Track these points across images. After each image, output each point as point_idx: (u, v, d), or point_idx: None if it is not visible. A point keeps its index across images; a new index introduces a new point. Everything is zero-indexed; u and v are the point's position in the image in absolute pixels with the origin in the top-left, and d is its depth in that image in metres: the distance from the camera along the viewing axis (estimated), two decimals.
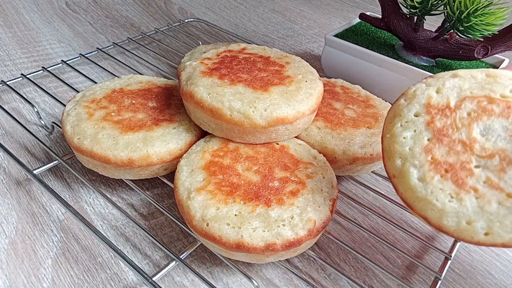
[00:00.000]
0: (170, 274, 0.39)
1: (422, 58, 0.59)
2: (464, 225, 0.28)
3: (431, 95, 0.32)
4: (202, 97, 0.41)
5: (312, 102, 0.42)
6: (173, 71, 0.70)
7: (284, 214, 0.35)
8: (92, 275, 0.39)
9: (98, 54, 0.71)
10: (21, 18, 0.85)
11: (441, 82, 0.33)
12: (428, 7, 0.54)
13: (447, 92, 0.32)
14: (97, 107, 0.46)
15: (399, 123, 0.32)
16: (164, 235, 0.43)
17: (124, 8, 0.93)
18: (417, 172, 0.30)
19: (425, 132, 0.31)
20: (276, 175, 0.39)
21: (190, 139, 0.44)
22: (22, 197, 0.46)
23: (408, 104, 0.33)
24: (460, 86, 0.32)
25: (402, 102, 0.33)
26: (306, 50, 0.81)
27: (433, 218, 0.29)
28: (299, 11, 0.98)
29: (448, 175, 0.29)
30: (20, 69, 0.68)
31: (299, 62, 0.47)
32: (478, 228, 0.27)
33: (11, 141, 0.53)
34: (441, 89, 0.32)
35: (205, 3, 0.99)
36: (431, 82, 0.33)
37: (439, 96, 0.32)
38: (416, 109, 0.32)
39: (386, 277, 0.40)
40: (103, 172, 0.44)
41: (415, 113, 0.32)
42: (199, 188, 0.37)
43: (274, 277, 0.40)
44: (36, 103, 0.61)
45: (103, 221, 0.44)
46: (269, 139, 0.42)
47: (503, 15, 0.51)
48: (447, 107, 0.31)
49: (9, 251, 0.40)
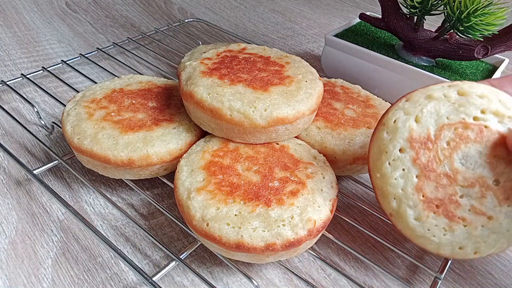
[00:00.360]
0: (170, 274, 0.39)
1: (422, 58, 0.59)
2: (457, 250, 0.33)
3: (412, 127, 0.33)
4: (202, 97, 0.41)
5: (312, 102, 0.42)
6: (173, 71, 0.70)
7: (284, 214, 0.35)
8: (92, 275, 0.39)
9: (98, 54, 0.71)
10: (21, 18, 0.85)
11: (419, 109, 0.34)
12: (428, 7, 0.54)
13: (426, 121, 0.33)
14: (97, 107, 0.46)
15: (387, 162, 0.34)
16: (164, 235, 0.43)
17: (124, 8, 0.93)
18: (413, 212, 0.33)
19: (413, 170, 0.33)
20: (276, 175, 0.39)
21: (190, 139, 0.44)
22: (22, 197, 0.46)
23: (391, 138, 0.34)
24: (437, 112, 0.33)
25: (385, 136, 0.34)
26: (306, 50, 0.81)
27: (432, 249, 0.34)
28: (299, 11, 0.98)
29: (439, 211, 0.32)
30: (20, 69, 0.68)
31: (299, 62, 0.47)
32: (469, 250, 0.32)
33: (11, 141, 0.53)
34: (420, 117, 0.33)
35: (205, 3, 0.99)
36: (409, 109, 0.34)
37: (419, 127, 0.33)
38: (401, 144, 0.33)
39: (386, 277, 0.40)
40: (103, 172, 0.44)
41: (400, 148, 0.33)
42: (199, 188, 0.37)
43: (274, 277, 0.40)
44: (36, 103, 0.61)
45: (103, 221, 0.44)
46: (269, 139, 0.42)
47: (503, 15, 0.51)
48: (428, 139, 0.33)
49: (9, 251, 0.40)
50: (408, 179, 0.33)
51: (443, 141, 0.32)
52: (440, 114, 0.33)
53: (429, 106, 0.33)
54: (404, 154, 0.33)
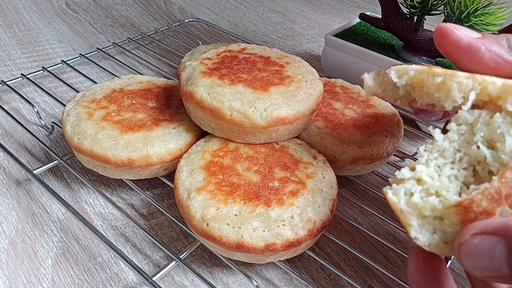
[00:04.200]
0: (170, 274, 0.39)
1: (422, 58, 0.59)
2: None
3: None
4: (202, 97, 0.41)
5: (312, 102, 0.42)
6: (173, 71, 0.70)
7: (284, 214, 0.35)
8: (92, 275, 0.39)
9: (98, 54, 0.71)
10: (21, 18, 0.85)
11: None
12: (428, 7, 0.54)
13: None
14: (97, 107, 0.46)
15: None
16: (164, 235, 0.43)
17: (124, 8, 0.93)
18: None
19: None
20: (276, 175, 0.39)
21: (190, 139, 0.44)
22: (22, 197, 0.46)
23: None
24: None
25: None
26: (306, 50, 0.81)
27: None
28: (299, 11, 0.98)
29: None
30: (20, 69, 0.68)
31: (299, 62, 0.47)
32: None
33: (11, 141, 0.53)
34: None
35: (205, 3, 0.99)
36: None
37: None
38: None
39: (386, 277, 0.40)
40: (103, 172, 0.44)
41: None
42: (199, 188, 0.37)
43: (274, 277, 0.40)
44: (36, 103, 0.61)
45: (103, 221, 0.44)
46: (269, 139, 0.42)
47: (503, 15, 0.51)
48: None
49: (9, 251, 0.40)
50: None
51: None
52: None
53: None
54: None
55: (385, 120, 0.48)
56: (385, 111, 0.49)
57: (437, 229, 0.27)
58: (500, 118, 0.27)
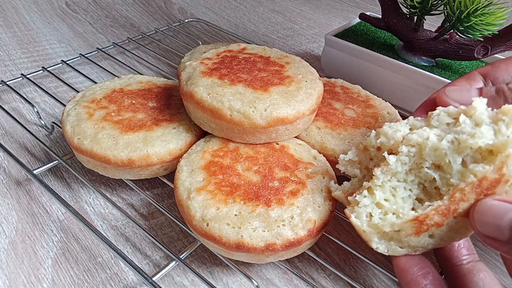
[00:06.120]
0: (170, 274, 0.39)
1: (422, 58, 0.59)
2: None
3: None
4: (202, 97, 0.41)
5: (312, 102, 0.42)
6: (173, 71, 0.70)
7: (284, 214, 0.35)
8: (92, 275, 0.39)
9: (98, 54, 0.71)
10: (21, 18, 0.85)
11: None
12: (428, 7, 0.54)
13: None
14: (97, 107, 0.46)
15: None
16: (164, 235, 0.43)
17: (124, 8, 0.93)
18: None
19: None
20: (276, 175, 0.39)
21: (190, 139, 0.44)
22: (22, 197, 0.46)
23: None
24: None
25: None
26: (306, 50, 0.81)
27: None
28: (299, 11, 0.98)
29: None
30: (20, 69, 0.68)
31: (299, 62, 0.47)
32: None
33: (11, 141, 0.53)
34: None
35: (205, 3, 0.99)
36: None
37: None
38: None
39: (386, 277, 0.40)
40: (103, 172, 0.44)
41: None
42: (199, 188, 0.37)
43: (274, 277, 0.40)
44: (36, 103, 0.61)
45: (103, 221, 0.44)
46: (269, 139, 0.42)
47: (503, 15, 0.51)
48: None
49: (9, 251, 0.40)
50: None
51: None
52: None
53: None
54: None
55: (385, 120, 0.48)
56: (385, 111, 0.49)
57: (393, 238, 0.32)
58: (447, 144, 0.30)
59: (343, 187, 0.36)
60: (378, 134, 0.35)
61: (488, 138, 0.29)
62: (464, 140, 0.30)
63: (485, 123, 0.30)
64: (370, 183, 0.32)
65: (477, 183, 0.28)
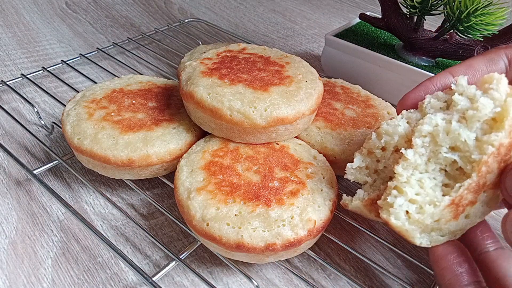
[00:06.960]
0: (170, 274, 0.39)
1: (422, 58, 0.59)
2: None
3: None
4: (202, 97, 0.41)
5: (312, 102, 0.42)
6: (173, 71, 0.70)
7: (284, 214, 0.35)
8: (92, 275, 0.39)
9: (98, 54, 0.71)
10: (21, 18, 0.85)
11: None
12: (428, 7, 0.54)
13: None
14: (97, 107, 0.46)
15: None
16: (164, 235, 0.43)
17: (124, 8, 0.93)
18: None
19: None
20: (276, 175, 0.39)
21: (190, 139, 0.44)
22: (22, 197, 0.46)
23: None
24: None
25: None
26: (306, 50, 0.81)
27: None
28: (299, 11, 0.98)
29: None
30: (20, 69, 0.68)
31: (299, 62, 0.47)
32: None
33: (11, 141, 0.53)
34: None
35: (205, 3, 0.99)
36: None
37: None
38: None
39: (386, 277, 0.40)
40: (103, 172, 0.44)
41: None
42: (199, 188, 0.37)
43: (274, 277, 0.40)
44: (36, 103, 0.61)
45: (103, 221, 0.44)
46: (269, 139, 0.42)
47: (503, 15, 0.51)
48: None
49: (9, 251, 0.40)
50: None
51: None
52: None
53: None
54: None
55: (385, 120, 0.48)
56: (385, 111, 0.49)
57: (434, 228, 0.32)
58: (457, 124, 0.31)
59: (358, 197, 0.36)
60: (379, 134, 0.35)
61: (491, 106, 0.30)
62: (472, 115, 0.30)
63: (479, 95, 0.31)
64: (395, 182, 0.32)
65: (496, 152, 0.29)
